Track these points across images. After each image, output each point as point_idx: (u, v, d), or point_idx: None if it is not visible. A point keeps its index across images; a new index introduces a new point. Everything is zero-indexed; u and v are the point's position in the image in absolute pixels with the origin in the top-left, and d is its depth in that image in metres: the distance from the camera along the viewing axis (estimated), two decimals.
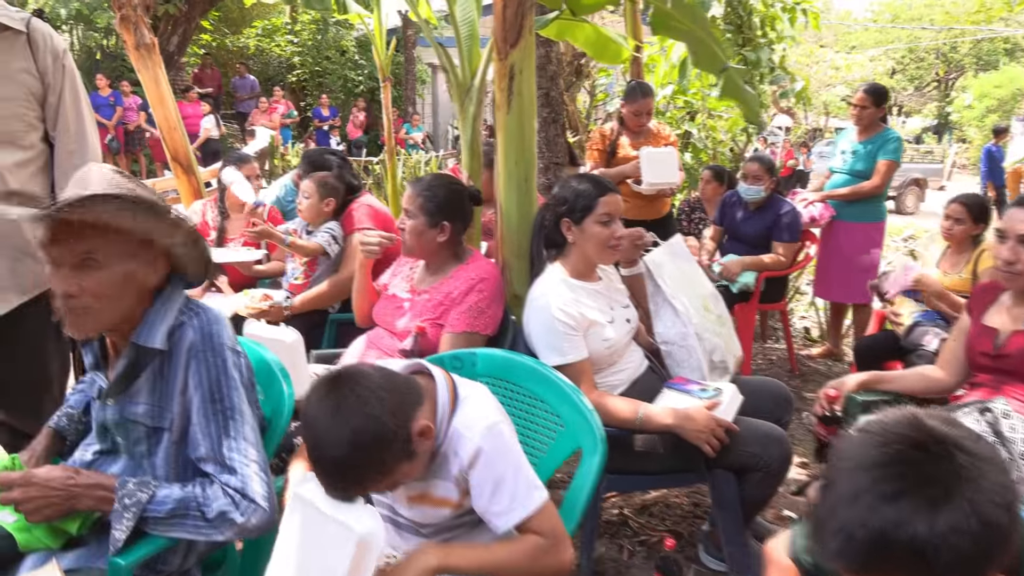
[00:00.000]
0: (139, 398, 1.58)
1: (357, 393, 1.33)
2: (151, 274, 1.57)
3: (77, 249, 1.46)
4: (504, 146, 2.47)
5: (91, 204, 1.41)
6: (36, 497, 1.43)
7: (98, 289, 1.48)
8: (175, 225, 1.56)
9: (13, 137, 2.06)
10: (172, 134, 4.41)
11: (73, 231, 1.45)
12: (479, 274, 2.38)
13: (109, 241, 1.49)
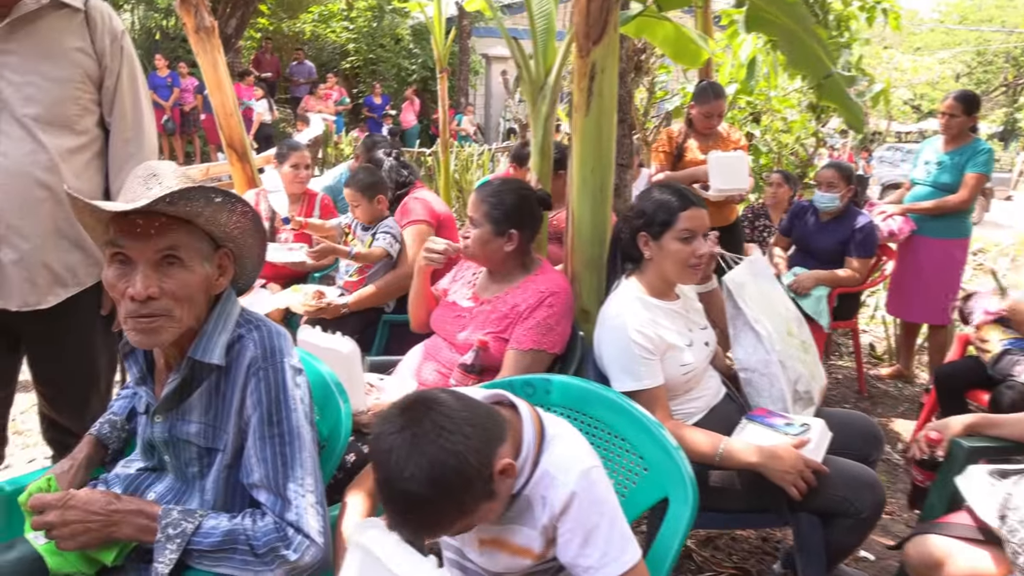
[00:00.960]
0: (191, 416, 1.46)
1: (438, 424, 1.20)
2: (221, 279, 1.46)
3: (160, 245, 1.34)
4: (580, 151, 2.30)
5: (194, 197, 1.30)
6: (73, 522, 1.31)
7: (180, 291, 1.36)
8: (256, 226, 1.45)
9: (68, 121, 1.96)
10: (228, 120, 4.33)
11: (158, 226, 1.34)
12: (549, 287, 2.22)
13: (192, 240, 1.38)
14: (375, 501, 1.54)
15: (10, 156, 1.88)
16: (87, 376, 2.17)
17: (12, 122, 1.88)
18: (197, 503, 1.48)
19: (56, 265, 2.00)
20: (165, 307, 1.35)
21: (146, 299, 1.33)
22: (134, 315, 1.35)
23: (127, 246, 1.35)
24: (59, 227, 1.98)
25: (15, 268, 1.94)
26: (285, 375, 1.44)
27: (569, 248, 2.41)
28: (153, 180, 1.39)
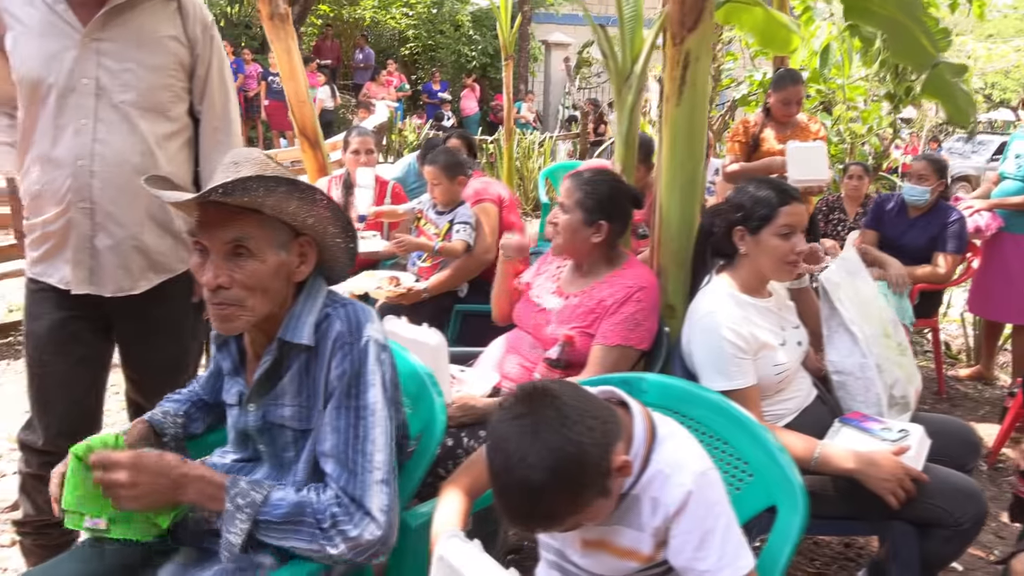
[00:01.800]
0: (284, 400, 1.46)
1: (561, 413, 1.17)
2: (302, 267, 1.45)
3: (229, 236, 1.35)
4: (670, 142, 2.24)
5: (251, 187, 1.29)
6: (144, 483, 1.31)
7: (249, 280, 1.36)
8: (335, 216, 1.43)
9: (162, 107, 1.98)
10: (301, 107, 4.36)
11: (227, 217, 1.34)
12: (638, 282, 2.17)
13: (263, 229, 1.37)
14: (472, 498, 1.53)
15: (108, 143, 1.91)
16: (176, 362, 2.20)
17: (110, 109, 1.91)
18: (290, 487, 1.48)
19: (149, 250, 2.02)
20: (236, 297, 1.36)
21: (216, 288, 1.34)
22: (209, 302, 1.37)
23: (202, 236, 1.36)
24: (152, 213, 2.01)
25: (110, 254, 1.97)
26: (368, 350, 1.43)
27: (656, 242, 2.35)
28: (233, 168, 1.38)
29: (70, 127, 1.89)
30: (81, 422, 2.10)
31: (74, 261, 1.96)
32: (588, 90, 17.60)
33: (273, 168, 1.40)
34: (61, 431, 2.06)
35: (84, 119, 1.89)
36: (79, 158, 1.88)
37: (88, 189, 1.90)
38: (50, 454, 2.07)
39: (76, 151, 1.88)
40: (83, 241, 1.94)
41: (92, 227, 1.93)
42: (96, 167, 1.90)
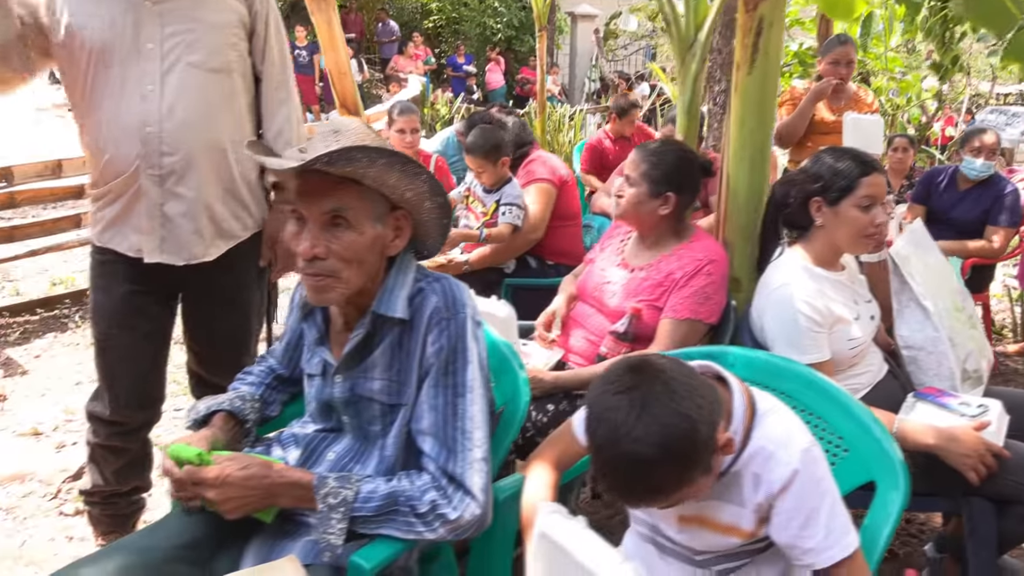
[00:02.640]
0: (374, 373, 1.46)
1: (670, 387, 1.14)
2: (396, 241, 1.44)
3: (327, 206, 1.33)
4: (739, 111, 2.19)
5: (354, 157, 1.27)
6: (234, 497, 1.33)
7: (346, 252, 1.35)
8: (433, 191, 1.41)
9: (228, 68, 1.96)
10: (342, 79, 4.30)
11: (327, 187, 1.32)
12: (707, 255, 2.14)
13: (362, 201, 1.35)
14: (560, 472, 1.51)
15: (176, 108, 1.88)
16: (240, 333, 2.19)
17: (177, 72, 1.88)
18: (376, 461, 1.47)
19: (217, 216, 2.00)
20: (332, 268, 1.34)
21: (312, 258, 1.33)
22: (304, 272, 1.36)
23: (300, 205, 1.35)
24: (221, 176, 1.98)
25: (182, 220, 1.95)
26: (466, 327, 1.42)
27: (722, 214, 2.31)
28: (333, 137, 1.36)
29: (136, 93, 1.86)
30: (147, 394, 2.15)
31: (146, 229, 1.94)
32: (615, 62, 17.40)
33: (373, 138, 1.38)
34: (128, 403, 2.11)
35: (151, 85, 1.86)
36: (147, 124, 1.86)
37: (157, 156, 1.88)
38: (118, 424, 2.13)
39: (143, 117, 1.86)
40: (153, 209, 1.92)
41: (162, 194, 1.91)
42: (165, 133, 1.87)
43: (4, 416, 3.29)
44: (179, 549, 1.40)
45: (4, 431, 3.15)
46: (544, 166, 3.26)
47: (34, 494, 2.70)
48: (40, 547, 2.42)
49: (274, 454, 1.59)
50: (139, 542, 1.42)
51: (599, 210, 3.71)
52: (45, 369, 3.80)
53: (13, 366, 3.81)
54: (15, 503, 2.64)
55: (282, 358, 1.73)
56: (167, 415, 3.14)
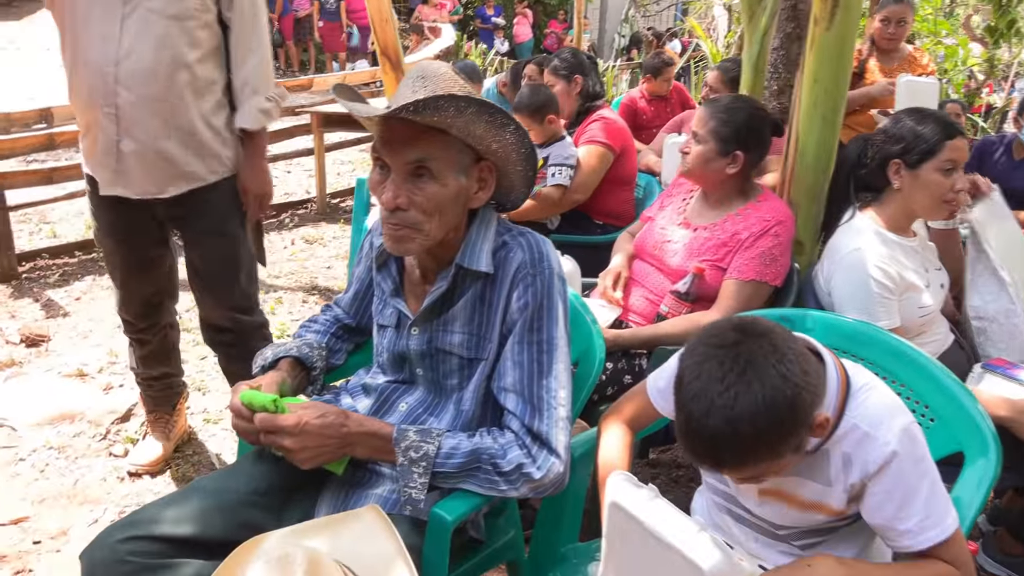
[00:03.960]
0: (454, 327, 1.43)
1: (778, 350, 1.07)
2: (480, 193, 1.40)
3: (412, 156, 1.29)
4: (814, 68, 2.12)
5: (442, 106, 1.23)
6: (311, 446, 1.30)
7: (428, 204, 1.31)
8: (520, 142, 1.37)
9: (189, 14, 1.98)
10: (384, 26, 4.20)
11: (412, 135, 1.28)
12: (775, 216, 2.08)
13: (447, 151, 1.31)
14: (635, 433, 1.50)
15: (133, 51, 1.94)
16: (225, 264, 2.24)
17: (137, 16, 1.93)
18: (451, 415, 1.46)
19: (174, 159, 2.05)
20: (413, 219, 1.31)
21: (395, 209, 1.30)
22: (385, 221, 1.33)
23: (383, 153, 1.31)
24: (178, 121, 2.03)
25: (134, 158, 2.02)
26: (552, 282, 1.39)
27: (788, 174, 2.25)
28: (420, 83, 1.32)
29: (98, 35, 1.93)
30: (145, 300, 2.35)
31: (103, 162, 2.04)
32: (646, 18, 17.04)
33: (461, 86, 1.33)
34: (129, 307, 2.36)
35: (111, 27, 1.92)
36: (105, 65, 1.93)
37: (113, 95, 1.95)
38: (129, 323, 2.42)
39: (102, 57, 1.93)
40: (110, 144, 2.00)
41: (117, 131, 1.99)
42: (121, 74, 1.93)
43: (49, 357, 3.32)
44: (253, 495, 1.39)
45: (50, 372, 3.18)
46: (606, 129, 3.16)
47: (84, 434, 2.72)
48: (93, 486, 2.45)
49: (343, 403, 1.58)
50: (215, 484, 1.41)
51: (645, 167, 3.64)
52: (86, 311, 3.82)
53: (55, 308, 3.83)
54: (66, 442, 2.67)
55: (349, 307, 1.71)
56: (193, 362, 3.16)
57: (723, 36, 9.30)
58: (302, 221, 5.52)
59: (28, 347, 3.40)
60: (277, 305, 3.98)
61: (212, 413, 2.92)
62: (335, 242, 5.12)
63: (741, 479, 1.23)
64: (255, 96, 2.11)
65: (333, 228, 5.39)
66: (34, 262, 4.37)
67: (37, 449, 2.62)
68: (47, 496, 2.39)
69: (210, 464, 2.62)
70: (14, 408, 2.80)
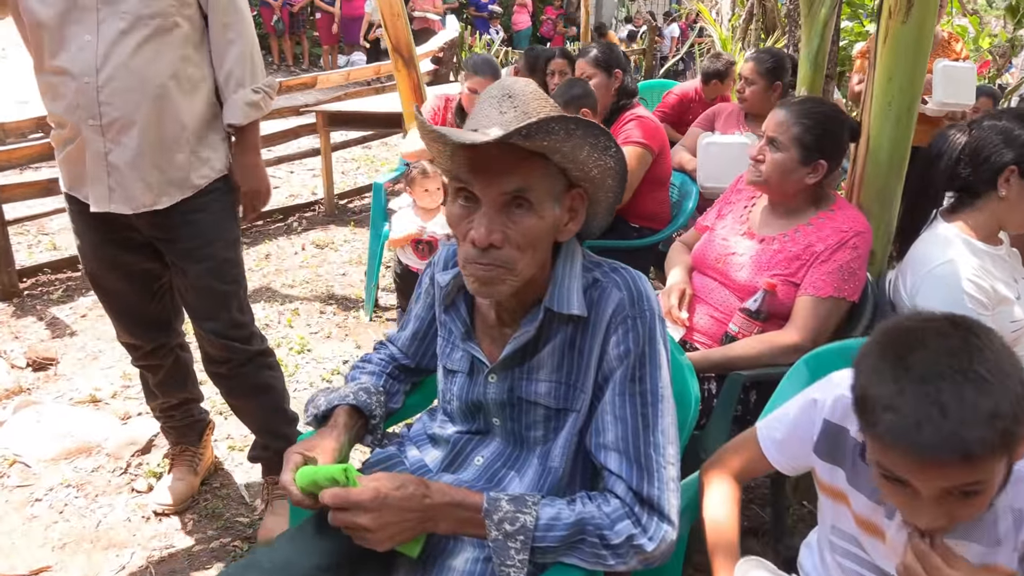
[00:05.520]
0: (539, 375, 1.28)
1: (1008, 351, 0.94)
2: (571, 224, 1.24)
3: (510, 186, 1.13)
4: (888, 63, 1.96)
5: (552, 129, 1.08)
6: (391, 523, 1.14)
7: (524, 239, 1.16)
8: (618, 167, 1.22)
9: (166, 12, 1.85)
10: (395, 21, 4.06)
11: (511, 162, 1.12)
12: (853, 227, 1.93)
13: (545, 179, 1.16)
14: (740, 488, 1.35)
15: (113, 57, 1.80)
16: (213, 291, 2.06)
17: (113, 20, 1.79)
18: (536, 470, 1.31)
19: (164, 165, 1.92)
20: (506, 257, 1.15)
21: (488, 246, 1.14)
22: (474, 261, 1.17)
23: (472, 183, 1.15)
24: (166, 125, 1.89)
25: (127, 169, 1.88)
26: (654, 326, 1.24)
27: (858, 178, 2.10)
28: (508, 103, 1.17)
29: (74, 44, 1.80)
30: (147, 322, 2.20)
31: (92, 178, 1.90)
32: (636, 2, 16.83)
33: (553, 104, 1.18)
34: (131, 331, 2.20)
35: (88, 35, 1.79)
36: (85, 75, 1.80)
37: (95, 106, 1.82)
38: (134, 347, 2.25)
39: (81, 67, 1.80)
40: (98, 158, 1.87)
41: (105, 144, 1.86)
42: (102, 83, 1.81)
43: (58, 382, 3.15)
44: (317, 571, 1.24)
45: (60, 398, 3.01)
46: (643, 128, 3.00)
47: (103, 469, 2.56)
48: (117, 527, 2.29)
49: (409, 455, 1.43)
50: (273, 559, 1.26)
51: (677, 165, 3.47)
52: (93, 330, 3.65)
53: (60, 327, 3.66)
54: (84, 479, 2.51)
55: (407, 347, 1.55)
56: (211, 387, 2.99)
57: (727, 20, 9.10)
58: (310, 224, 5.34)
59: (35, 371, 3.23)
60: (294, 317, 3.82)
61: (237, 439, 2.76)
62: (347, 246, 4.95)
63: (950, 487, 0.98)
64: (241, 89, 1.98)
65: (343, 231, 5.22)
66: (36, 277, 4.19)
67: (54, 488, 2.46)
68: (68, 540, 2.24)
69: (239, 498, 2.46)
70: (27, 442, 2.64)
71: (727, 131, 3.42)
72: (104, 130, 1.84)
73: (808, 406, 1.23)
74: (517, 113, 1.14)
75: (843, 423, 1.18)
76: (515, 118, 1.14)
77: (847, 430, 1.17)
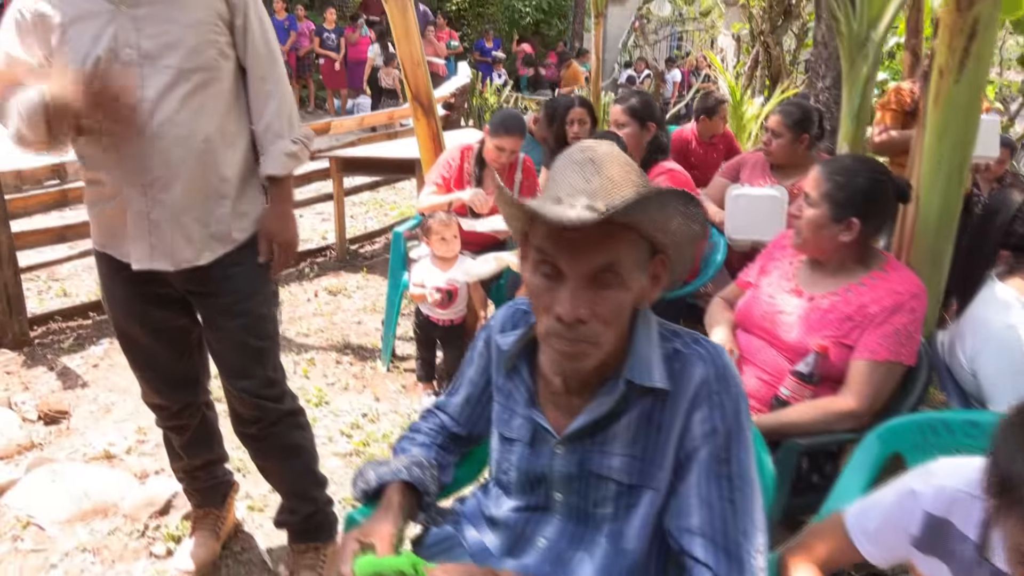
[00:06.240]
0: (613, 448, 1.21)
1: None
2: (653, 292, 1.19)
3: (601, 261, 1.08)
4: (940, 123, 1.93)
5: (649, 204, 1.03)
6: None
7: (611, 313, 1.11)
8: (703, 232, 1.17)
9: (209, 66, 1.82)
10: (416, 71, 4.03)
11: (601, 236, 1.07)
12: (908, 288, 1.88)
13: (633, 250, 1.11)
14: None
15: (156, 114, 1.76)
16: (247, 347, 2.00)
17: (156, 76, 1.76)
18: (606, 551, 1.23)
19: (208, 219, 1.89)
20: (593, 333, 1.10)
21: (576, 322, 1.09)
22: (559, 335, 1.11)
23: (558, 257, 1.09)
24: (208, 179, 1.86)
25: (168, 226, 1.84)
26: (740, 403, 1.18)
27: (907, 237, 2.06)
28: (591, 169, 1.12)
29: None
30: (175, 381, 2.12)
31: (133, 236, 1.85)
32: (641, 48, 17.03)
33: (638, 171, 1.13)
34: (159, 390, 2.11)
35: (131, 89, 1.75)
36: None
37: (139, 163, 1.78)
38: (160, 407, 2.16)
39: None
40: (140, 216, 1.82)
41: (147, 202, 1.81)
42: (145, 140, 1.77)
43: (71, 436, 3.06)
44: None
45: (74, 454, 2.92)
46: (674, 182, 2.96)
47: (119, 531, 2.46)
48: None
49: (468, 538, 1.36)
50: None
51: None
52: (105, 380, 3.56)
53: (71, 377, 3.57)
54: (100, 542, 2.41)
55: (459, 414, 1.48)
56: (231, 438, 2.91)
57: (732, 67, 9.19)
58: (322, 270, 5.29)
59: (47, 424, 3.14)
60: (310, 367, 3.74)
61: (256, 499, 2.67)
62: (360, 292, 4.89)
63: None
64: (280, 140, 1.95)
65: (355, 277, 5.17)
66: (46, 326, 4.11)
67: (70, 552, 2.36)
68: None
69: (261, 563, 2.37)
70: (40, 502, 2.54)
71: (753, 182, 3.38)
72: (147, 188, 1.80)
73: (906, 497, 1.17)
74: (603, 181, 1.09)
75: (947, 516, 1.11)
76: (602, 187, 1.09)
77: (952, 523, 1.10)
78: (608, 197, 1.08)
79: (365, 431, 3.16)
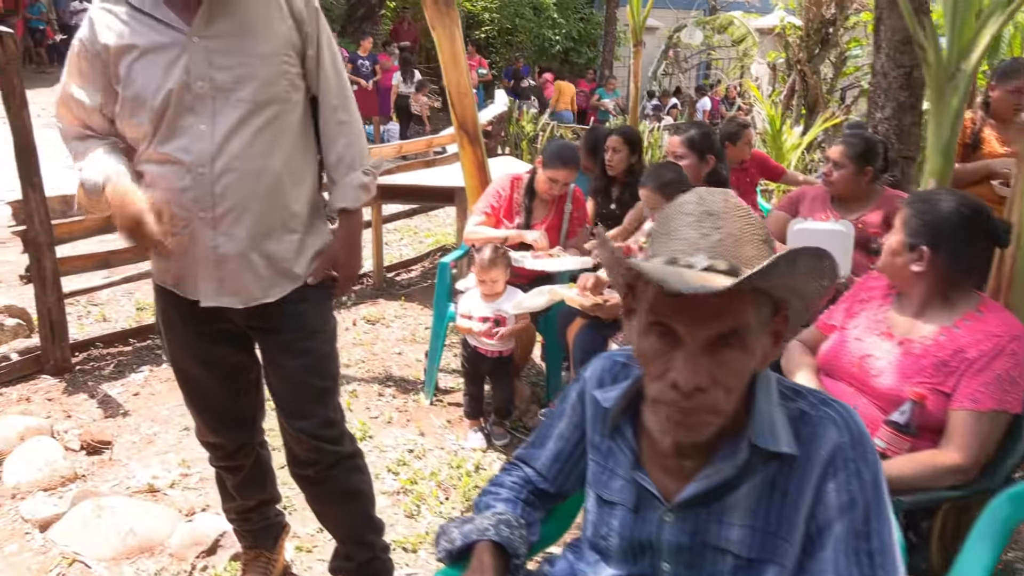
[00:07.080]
0: (732, 517, 1.11)
1: None
2: (774, 350, 1.09)
3: (725, 327, 0.99)
4: None
5: (779, 267, 0.94)
6: None
7: (732, 380, 1.02)
8: (829, 287, 1.07)
9: (281, 98, 1.77)
10: (463, 100, 3.99)
11: (724, 301, 0.98)
12: (1008, 330, 1.77)
13: (757, 311, 1.02)
14: None
15: (228, 147, 1.72)
16: (308, 387, 1.91)
17: (229, 109, 1.71)
18: None
19: (278, 254, 1.83)
20: (713, 401, 1.02)
21: (695, 391, 1.00)
22: (673, 404, 1.02)
23: (674, 321, 1.01)
24: (278, 213, 1.81)
25: (236, 263, 1.79)
26: (879, 472, 1.08)
27: (1006, 274, 1.94)
28: (710, 222, 1.03)
29: (187, 133, 1.72)
30: (232, 420, 2.06)
31: (202, 273, 1.80)
32: (670, 75, 17.03)
33: (759, 221, 1.04)
34: (216, 429, 2.06)
35: (203, 124, 1.71)
36: (199, 165, 1.72)
37: (209, 197, 1.73)
38: (215, 447, 2.10)
39: (196, 157, 1.71)
40: (208, 252, 1.78)
41: (215, 236, 1.76)
42: (217, 174, 1.72)
43: (114, 468, 2.99)
44: None
45: (118, 487, 2.85)
46: None
47: (166, 572, 2.38)
48: None
49: None
50: None
51: None
52: (146, 410, 3.51)
53: (113, 406, 3.52)
54: None
55: (547, 469, 1.39)
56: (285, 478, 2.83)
57: (767, 95, 9.11)
58: (360, 298, 5.23)
59: (89, 454, 3.08)
60: (353, 400, 3.66)
61: (304, 539, 2.58)
62: (398, 322, 4.82)
63: None
64: (352, 172, 1.89)
65: (393, 306, 5.10)
66: (87, 352, 4.08)
67: None
68: None
69: None
70: (86, 539, 2.47)
71: (814, 215, 3.28)
72: (215, 222, 1.74)
73: None
74: (723, 236, 1.01)
75: None
76: (721, 242, 1.00)
77: None
78: (730, 255, 0.99)
79: (412, 468, 3.06)
